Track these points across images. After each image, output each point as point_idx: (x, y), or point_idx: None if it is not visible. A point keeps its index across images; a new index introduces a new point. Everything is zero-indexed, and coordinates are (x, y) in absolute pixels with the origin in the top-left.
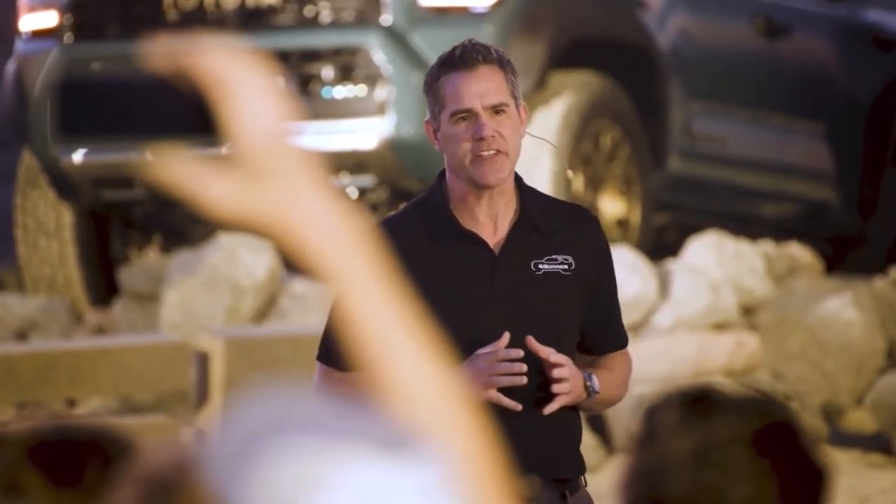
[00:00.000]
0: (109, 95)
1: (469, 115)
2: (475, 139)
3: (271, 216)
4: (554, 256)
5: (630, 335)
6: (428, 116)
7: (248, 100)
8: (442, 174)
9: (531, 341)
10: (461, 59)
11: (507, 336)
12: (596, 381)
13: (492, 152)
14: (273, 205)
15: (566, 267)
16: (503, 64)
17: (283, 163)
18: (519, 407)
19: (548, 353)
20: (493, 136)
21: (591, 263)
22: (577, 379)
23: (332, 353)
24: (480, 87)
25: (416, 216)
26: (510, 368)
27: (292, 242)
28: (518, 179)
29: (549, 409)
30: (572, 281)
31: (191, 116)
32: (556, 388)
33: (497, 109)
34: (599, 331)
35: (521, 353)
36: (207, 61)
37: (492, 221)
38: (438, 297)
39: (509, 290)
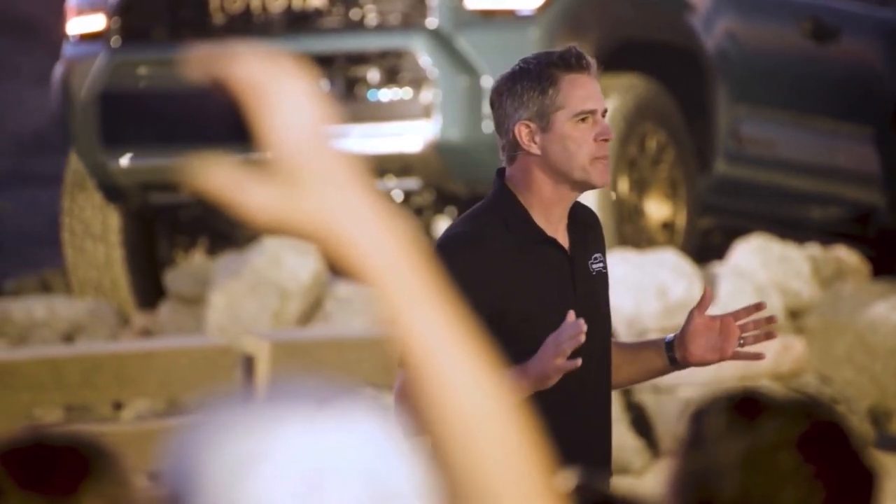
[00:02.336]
0: (152, 105)
1: (590, 116)
2: (599, 140)
3: (313, 223)
4: (597, 255)
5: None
6: (522, 118)
7: (288, 106)
8: (501, 179)
9: (707, 293)
10: (578, 61)
11: (572, 314)
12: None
13: (607, 155)
14: (314, 212)
15: (603, 265)
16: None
17: (324, 169)
18: (578, 362)
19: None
20: (610, 139)
21: (606, 259)
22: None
23: None
24: (598, 91)
25: (497, 224)
26: (574, 332)
27: (335, 248)
28: None
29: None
30: (607, 277)
31: (232, 124)
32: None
33: (604, 114)
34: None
35: (584, 326)
36: (246, 69)
37: (560, 225)
38: (534, 304)
39: (585, 292)
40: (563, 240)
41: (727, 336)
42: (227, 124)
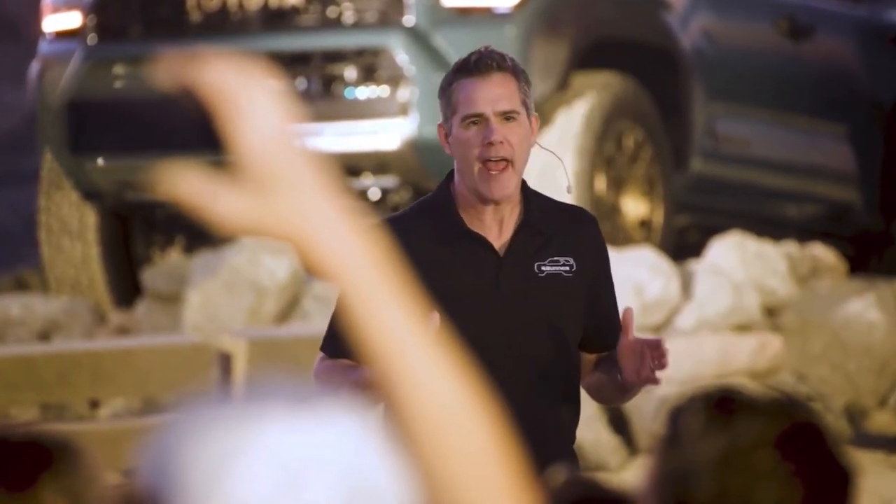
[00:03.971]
0: (121, 112)
1: (480, 119)
2: (484, 144)
3: (281, 227)
4: (556, 258)
5: (652, 336)
6: (440, 121)
7: (256, 111)
8: (450, 176)
9: (628, 315)
10: (476, 64)
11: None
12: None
13: (499, 160)
14: (283, 215)
15: (568, 269)
16: (517, 73)
17: (291, 174)
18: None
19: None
20: (501, 143)
21: (592, 264)
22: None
23: (331, 344)
24: (493, 93)
25: (422, 217)
26: None
27: (304, 250)
28: (522, 182)
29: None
30: (574, 282)
31: (201, 130)
32: (660, 370)
33: (507, 116)
34: (603, 329)
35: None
36: (214, 74)
37: (497, 224)
38: (444, 297)
39: (513, 291)
40: (497, 238)
41: (643, 359)
42: (196, 130)
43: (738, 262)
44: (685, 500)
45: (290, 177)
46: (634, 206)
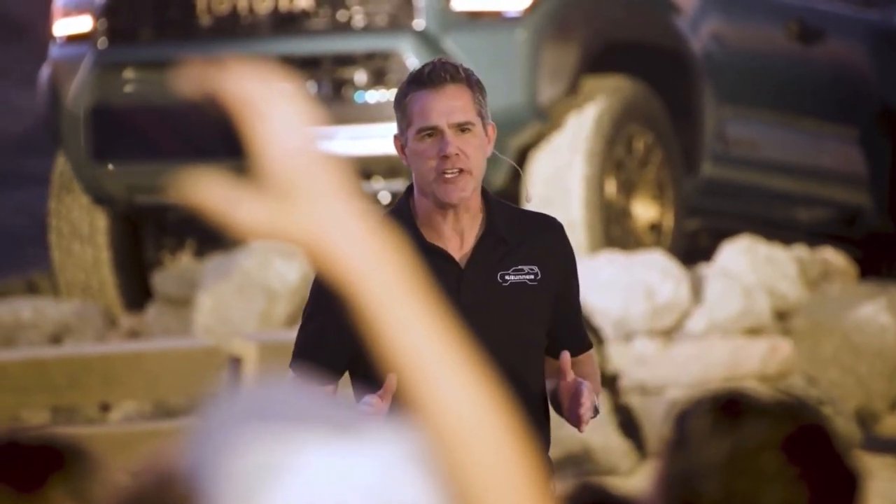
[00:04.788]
0: (140, 120)
1: (434, 132)
2: (440, 157)
3: (300, 236)
4: (520, 267)
5: (663, 340)
6: (396, 132)
7: (275, 122)
8: (408, 191)
9: (565, 359)
10: (429, 77)
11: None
12: (597, 400)
13: (455, 171)
14: (301, 225)
15: (532, 277)
16: (471, 83)
17: (312, 180)
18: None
19: (575, 383)
20: (457, 155)
21: (558, 272)
22: (592, 400)
23: (298, 353)
24: (447, 106)
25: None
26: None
27: (322, 259)
28: (484, 192)
29: (583, 429)
30: (538, 290)
31: (221, 138)
32: (584, 414)
33: (463, 128)
34: (567, 335)
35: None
36: (235, 84)
37: (458, 235)
38: None
39: (476, 302)
40: (457, 249)
41: (578, 399)
42: (216, 137)
43: (748, 265)
44: (692, 502)
45: (311, 183)
46: (645, 210)
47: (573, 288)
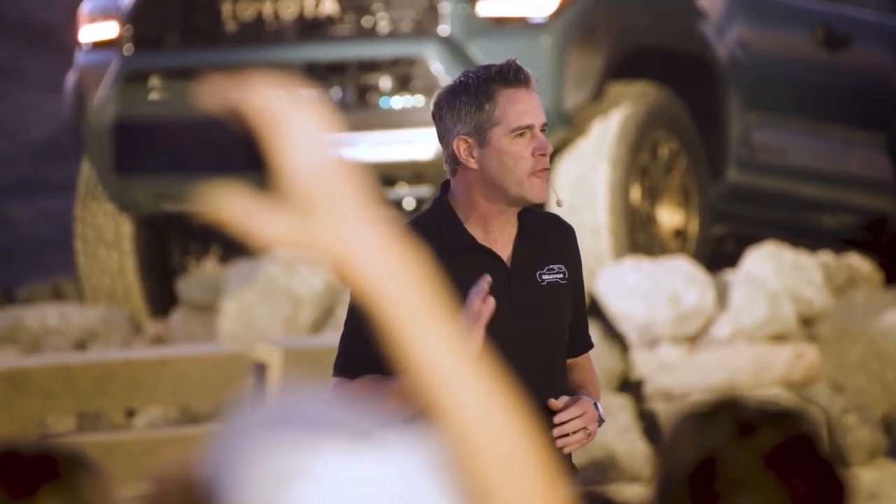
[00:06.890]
0: (165, 134)
1: (527, 131)
2: (538, 155)
3: (325, 249)
4: (552, 266)
5: (688, 346)
6: (460, 133)
7: (297, 137)
8: (444, 191)
9: (553, 403)
10: (516, 75)
11: (487, 278)
12: (601, 409)
13: (545, 169)
14: (327, 239)
15: (562, 276)
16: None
17: (332, 198)
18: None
19: (561, 408)
20: (549, 153)
21: (575, 271)
22: (593, 418)
23: (353, 366)
24: (536, 105)
25: (428, 233)
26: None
27: (346, 273)
28: None
29: (570, 450)
30: (566, 289)
31: (245, 153)
32: (566, 445)
33: (543, 128)
34: (576, 335)
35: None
36: (259, 100)
37: (501, 237)
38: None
39: (524, 301)
40: (505, 250)
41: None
42: (240, 152)
43: (773, 271)
44: None
45: (332, 197)
46: (669, 216)
47: (582, 287)
